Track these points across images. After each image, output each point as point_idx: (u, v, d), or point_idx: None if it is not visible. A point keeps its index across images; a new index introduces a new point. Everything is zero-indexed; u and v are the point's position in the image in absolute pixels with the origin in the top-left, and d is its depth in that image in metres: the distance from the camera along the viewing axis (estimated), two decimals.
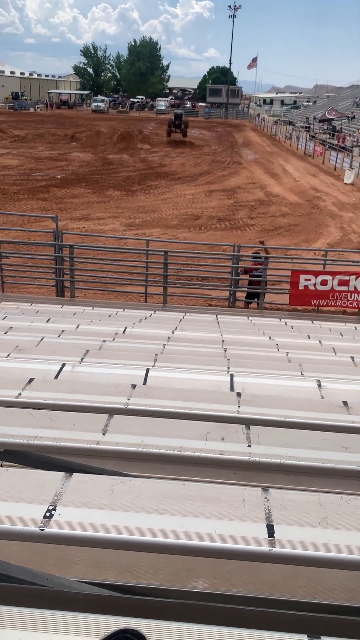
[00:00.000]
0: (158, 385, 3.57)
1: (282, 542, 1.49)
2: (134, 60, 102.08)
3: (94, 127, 50.42)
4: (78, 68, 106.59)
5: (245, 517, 1.58)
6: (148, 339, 6.06)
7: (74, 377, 3.74)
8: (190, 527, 1.53)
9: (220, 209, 24.45)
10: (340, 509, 1.65)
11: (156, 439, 2.36)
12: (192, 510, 1.61)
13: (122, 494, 1.68)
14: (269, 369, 4.29)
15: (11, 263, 13.03)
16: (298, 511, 1.62)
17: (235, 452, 2.23)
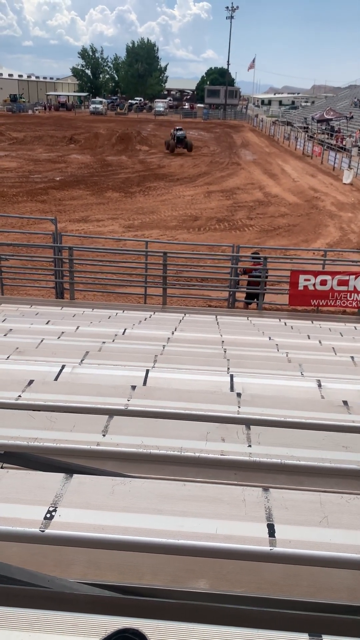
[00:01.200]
0: (158, 386, 3.57)
1: (282, 542, 1.49)
2: (132, 61, 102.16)
3: (92, 129, 50.45)
4: (76, 70, 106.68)
5: (246, 517, 1.58)
6: (148, 340, 6.06)
7: (74, 378, 3.74)
8: (190, 528, 1.52)
9: (219, 209, 24.46)
10: (341, 508, 1.65)
11: (156, 439, 2.36)
12: (193, 510, 1.61)
13: (122, 494, 1.67)
14: (269, 369, 4.29)
15: (10, 265, 13.04)
16: (299, 511, 1.62)
17: (235, 452, 2.22)
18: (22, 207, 23.48)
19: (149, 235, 19.17)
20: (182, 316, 9.11)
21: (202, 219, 22.70)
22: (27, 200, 24.94)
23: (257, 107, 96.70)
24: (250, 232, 20.86)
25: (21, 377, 3.41)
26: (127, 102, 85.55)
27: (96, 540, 1.52)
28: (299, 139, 45.76)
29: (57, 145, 43.23)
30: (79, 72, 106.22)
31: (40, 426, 2.45)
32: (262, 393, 3.29)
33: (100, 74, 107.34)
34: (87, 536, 1.52)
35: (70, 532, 1.52)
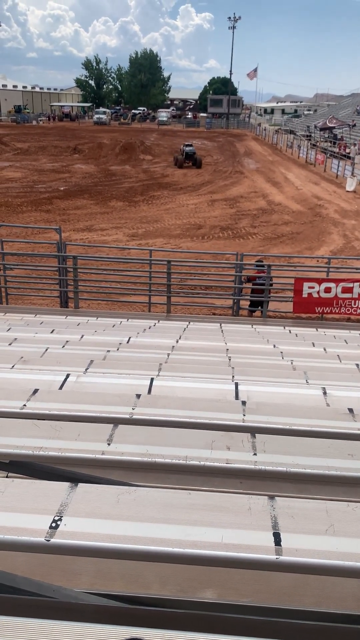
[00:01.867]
0: (163, 395, 3.57)
1: (289, 551, 1.48)
2: (135, 72, 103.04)
3: (96, 139, 50.79)
4: (80, 81, 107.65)
5: (252, 526, 1.57)
6: (152, 348, 6.06)
7: (79, 387, 3.74)
8: (196, 537, 1.52)
9: (222, 218, 24.51)
10: (347, 517, 1.64)
11: (161, 448, 2.36)
12: (198, 519, 1.60)
13: (127, 503, 1.67)
14: (274, 377, 4.28)
15: (15, 275, 13.09)
16: (304, 519, 1.61)
17: (240, 460, 2.22)
18: (27, 216, 23.61)
19: (153, 243, 19.22)
20: (187, 324, 9.12)
21: (206, 227, 22.76)
22: (31, 210, 25.08)
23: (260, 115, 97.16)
24: (253, 240, 20.89)
25: (26, 386, 3.42)
26: (130, 112, 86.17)
27: (102, 550, 1.51)
28: (302, 147, 45.91)
29: (61, 155, 43.52)
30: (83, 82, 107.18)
31: (45, 435, 2.45)
32: (267, 401, 3.28)
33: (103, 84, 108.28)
34: (92, 545, 1.52)
35: (75, 542, 1.52)
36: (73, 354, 5.36)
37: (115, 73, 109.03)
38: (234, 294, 12.19)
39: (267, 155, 46.85)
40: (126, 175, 35.81)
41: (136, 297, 12.92)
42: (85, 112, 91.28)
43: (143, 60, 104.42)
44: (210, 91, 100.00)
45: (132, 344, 6.49)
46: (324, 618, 1.61)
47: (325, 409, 3.30)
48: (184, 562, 1.50)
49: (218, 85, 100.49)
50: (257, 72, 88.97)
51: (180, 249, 18.01)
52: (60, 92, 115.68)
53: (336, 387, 3.83)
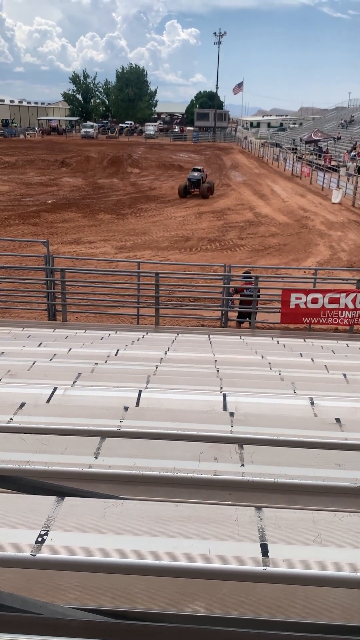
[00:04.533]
0: (151, 407, 3.56)
1: (276, 561, 1.48)
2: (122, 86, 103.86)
3: (83, 152, 50.98)
4: (67, 95, 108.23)
5: (239, 537, 1.57)
6: (140, 360, 6.05)
7: (66, 400, 3.72)
8: (183, 549, 1.51)
9: (210, 230, 24.66)
10: (334, 526, 1.65)
11: (149, 460, 2.35)
12: (186, 531, 1.60)
13: (114, 517, 1.66)
14: (262, 387, 4.29)
15: (2, 288, 13.03)
16: (292, 529, 1.62)
17: (228, 472, 2.22)
18: (14, 230, 23.57)
19: (141, 256, 19.26)
20: (175, 336, 9.12)
21: (194, 239, 22.87)
22: (19, 223, 25.04)
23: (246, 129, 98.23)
24: (241, 252, 21.02)
25: (13, 400, 3.39)
26: (117, 126, 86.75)
27: (89, 564, 1.50)
28: (288, 160, 46.45)
29: (49, 168, 43.60)
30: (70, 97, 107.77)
31: (32, 449, 2.43)
32: (255, 412, 3.28)
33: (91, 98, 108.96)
34: (79, 560, 1.50)
35: (62, 556, 1.50)
36: (61, 367, 5.33)
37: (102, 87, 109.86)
38: (222, 305, 12.23)
39: (254, 168, 47.33)
40: (114, 188, 35.94)
41: (124, 310, 12.92)
42: (72, 126, 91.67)
43: (130, 75, 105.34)
44: (197, 105, 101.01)
45: (120, 356, 6.47)
46: (311, 629, 1.61)
47: (312, 419, 3.31)
48: (172, 575, 1.49)
49: (204, 99, 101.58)
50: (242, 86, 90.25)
51: (168, 261, 18.06)
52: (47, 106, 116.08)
53: (323, 397, 3.85)
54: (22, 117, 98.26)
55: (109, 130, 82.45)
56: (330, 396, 4.00)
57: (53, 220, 25.78)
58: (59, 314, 12.08)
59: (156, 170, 44.14)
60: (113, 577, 1.89)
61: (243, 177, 41.97)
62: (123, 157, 45.87)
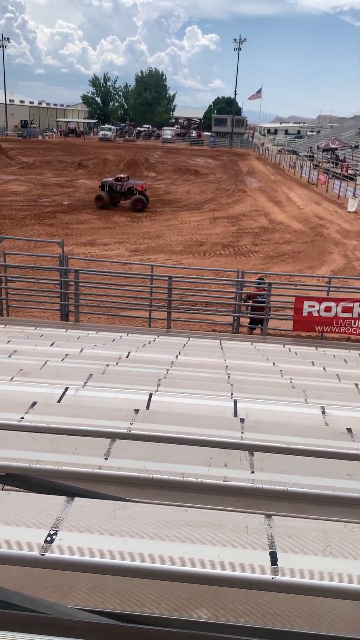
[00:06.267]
0: (161, 410, 3.56)
1: (285, 571, 1.47)
2: (141, 90, 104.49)
3: (100, 154, 51.29)
4: (86, 97, 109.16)
5: (248, 545, 1.56)
6: (151, 363, 6.06)
7: (77, 401, 3.73)
8: (192, 554, 1.51)
9: (224, 235, 24.66)
10: (344, 537, 1.63)
11: (159, 464, 2.35)
12: (195, 536, 1.59)
13: (124, 519, 1.66)
14: (273, 395, 4.27)
15: (17, 287, 13.12)
16: (301, 539, 1.60)
17: (238, 478, 2.21)
18: (30, 230, 23.75)
19: (154, 259, 19.31)
20: (186, 340, 9.12)
21: (208, 244, 22.87)
22: (35, 223, 25.23)
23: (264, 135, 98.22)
24: (255, 258, 20.98)
25: (24, 398, 3.41)
26: (135, 130, 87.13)
27: (97, 565, 1.50)
28: (305, 168, 46.33)
29: (66, 170, 43.91)
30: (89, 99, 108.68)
31: (43, 448, 2.44)
32: (265, 419, 3.27)
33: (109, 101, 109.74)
34: (88, 561, 1.50)
35: (70, 556, 1.50)
36: (72, 368, 5.36)
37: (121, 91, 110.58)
38: (234, 311, 12.21)
39: (270, 175, 47.27)
40: None
41: (136, 312, 12.94)
42: (90, 129, 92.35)
43: (149, 79, 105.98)
44: (215, 110, 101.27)
45: (131, 358, 6.48)
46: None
47: (323, 428, 3.29)
48: (180, 580, 1.49)
49: (222, 105, 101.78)
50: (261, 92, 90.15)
51: (181, 265, 18.08)
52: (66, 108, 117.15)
53: (335, 406, 3.82)
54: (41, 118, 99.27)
55: (126, 133, 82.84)
56: (341, 406, 3.97)
57: (68, 222, 25.94)
58: (72, 314, 12.14)
59: (172, 174, 44.26)
60: (120, 579, 1.89)
61: (259, 183, 41.94)
62: (140, 160, 46.05)
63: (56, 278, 12.55)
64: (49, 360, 5.54)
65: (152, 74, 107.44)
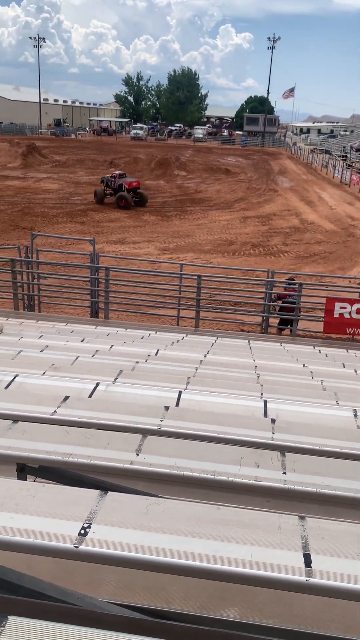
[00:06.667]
0: (190, 408, 3.56)
1: (319, 573, 1.45)
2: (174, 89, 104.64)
3: (132, 153, 51.57)
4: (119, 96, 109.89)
5: (281, 545, 1.55)
6: (180, 361, 6.06)
7: (108, 396, 3.76)
8: (225, 552, 1.50)
9: (254, 235, 24.51)
10: None
11: (189, 461, 2.35)
12: (227, 535, 1.59)
13: (156, 515, 1.67)
14: (303, 396, 4.23)
15: (48, 284, 13.31)
16: (336, 541, 1.58)
17: (270, 478, 2.19)
18: (62, 227, 24.05)
19: (183, 258, 19.33)
20: (215, 339, 9.09)
21: (237, 243, 22.78)
22: (66, 221, 25.55)
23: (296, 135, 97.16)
24: (285, 258, 20.80)
25: (56, 392, 3.46)
26: (167, 129, 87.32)
27: (129, 560, 1.51)
28: (337, 167, 45.64)
29: (98, 168, 44.28)
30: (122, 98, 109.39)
31: (75, 442, 2.47)
32: (296, 420, 3.24)
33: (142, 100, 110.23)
34: (120, 555, 1.51)
35: (104, 550, 1.52)
36: (102, 364, 5.40)
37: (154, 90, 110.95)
38: (263, 311, 12.12)
39: (302, 174, 46.75)
40: (160, 190, 36.18)
41: (165, 310, 12.98)
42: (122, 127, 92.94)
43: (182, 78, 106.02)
44: (247, 110, 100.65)
45: (160, 356, 6.50)
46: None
47: (356, 430, 3.24)
48: (212, 578, 1.48)
49: (255, 104, 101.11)
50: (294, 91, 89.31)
51: (210, 264, 18.05)
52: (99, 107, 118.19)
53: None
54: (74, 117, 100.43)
55: (158, 132, 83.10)
56: None
57: (99, 220, 26.17)
58: (101, 311, 12.25)
59: (203, 173, 44.19)
60: (149, 575, 1.89)
61: (290, 182, 41.54)
62: (171, 159, 46.11)
63: (87, 275, 12.68)
64: (80, 355, 5.59)
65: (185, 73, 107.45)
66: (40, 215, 26.16)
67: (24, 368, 4.46)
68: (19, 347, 5.89)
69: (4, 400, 3.15)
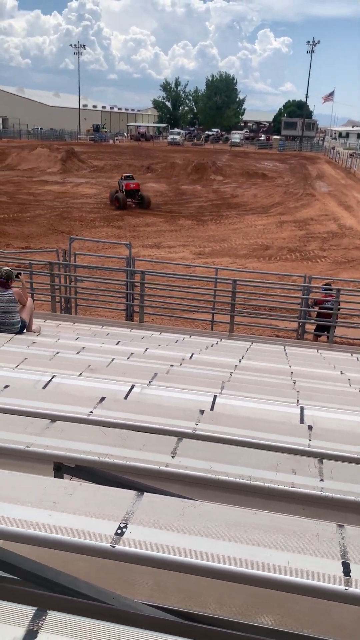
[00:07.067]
0: (225, 413, 3.54)
1: (358, 582, 1.42)
2: (211, 94, 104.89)
3: (169, 158, 51.86)
4: (157, 102, 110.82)
5: (319, 553, 1.52)
6: (214, 366, 6.04)
7: (143, 398, 3.79)
8: (261, 558, 1.49)
9: (291, 239, 24.26)
10: None
11: (225, 466, 2.33)
12: (264, 540, 1.57)
13: (192, 517, 1.66)
14: (341, 403, 4.15)
15: (85, 287, 13.50)
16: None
17: (307, 485, 2.16)
18: (99, 231, 24.37)
19: (219, 262, 19.28)
20: (249, 344, 9.03)
21: (274, 248, 22.59)
22: (103, 225, 25.86)
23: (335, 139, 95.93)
24: (322, 264, 20.51)
25: (93, 394, 3.50)
26: (204, 133, 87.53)
27: (165, 561, 1.51)
28: None
29: (135, 173, 44.53)
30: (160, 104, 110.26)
31: (111, 443, 2.49)
32: (334, 427, 3.18)
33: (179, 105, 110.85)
34: (156, 556, 1.51)
35: (140, 550, 1.52)
36: (137, 366, 5.44)
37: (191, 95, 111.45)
38: (299, 316, 11.97)
39: (340, 179, 46.07)
40: (196, 194, 36.26)
41: (199, 315, 12.97)
42: (160, 133, 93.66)
43: (219, 83, 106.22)
44: (285, 114, 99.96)
45: (194, 360, 6.50)
46: None
47: None
48: (248, 583, 1.47)
49: (293, 109, 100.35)
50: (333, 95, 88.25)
51: (246, 269, 17.94)
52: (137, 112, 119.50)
53: None
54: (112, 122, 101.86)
55: (195, 137, 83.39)
56: None
57: (136, 224, 26.40)
58: (136, 314, 12.33)
59: (239, 177, 44.06)
60: (183, 578, 1.89)
61: (328, 187, 40.98)
62: (207, 164, 46.16)
63: (122, 279, 12.80)
64: (115, 358, 5.65)
65: (223, 78, 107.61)
66: (78, 220, 26.57)
67: (61, 369, 4.54)
68: (56, 349, 5.99)
69: (42, 400, 3.21)
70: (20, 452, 2.38)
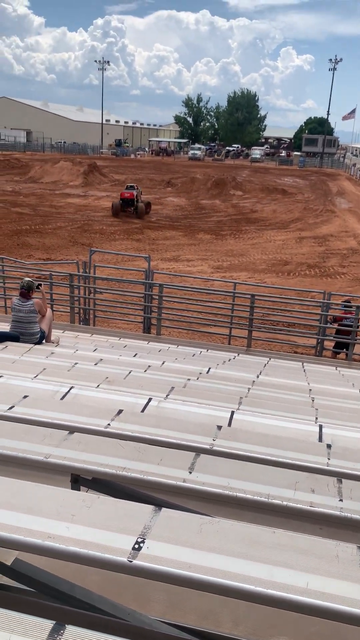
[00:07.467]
0: (243, 429, 3.52)
1: None
2: (233, 110, 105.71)
3: (189, 173, 52.23)
4: (179, 117, 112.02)
5: (339, 575, 1.49)
6: (232, 381, 6.02)
7: (160, 412, 3.78)
8: (280, 578, 1.47)
9: (310, 255, 24.18)
10: None
11: (242, 482, 2.31)
12: (282, 560, 1.55)
13: (210, 534, 1.65)
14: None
15: (104, 299, 13.59)
16: None
17: (325, 505, 2.13)
18: (119, 244, 24.56)
19: (237, 277, 19.28)
20: (267, 360, 8.98)
21: (292, 264, 22.52)
22: (123, 238, 26.08)
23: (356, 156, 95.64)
24: (342, 280, 20.38)
25: (110, 406, 3.50)
26: (224, 149, 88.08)
27: (182, 578, 1.49)
28: None
29: (155, 188, 45.08)
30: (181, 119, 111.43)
31: (128, 456, 2.49)
32: (353, 447, 3.14)
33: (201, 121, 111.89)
34: (173, 572, 1.50)
35: (157, 566, 1.51)
36: (154, 379, 5.43)
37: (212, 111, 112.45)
38: (318, 333, 11.88)
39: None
40: (216, 209, 36.40)
41: (217, 329, 12.95)
42: (181, 148, 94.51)
43: (241, 100, 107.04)
44: (306, 131, 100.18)
45: (211, 374, 6.48)
46: None
47: None
48: (265, 603, 1.45)
49: (314, 125, 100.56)
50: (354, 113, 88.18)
51: (264, 284, 17.91)
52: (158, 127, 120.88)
53: None
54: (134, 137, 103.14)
55: (215, 152, 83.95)
56: None
57: (155, 238, 26.57)
58: (154, 327, 12.36)
59: (259, 193, 44.15)
60: (200, 596, 1.87)
61: (349, 204, 40.84)
62: (227, 179, 46.38)
63: (141, 291, 12.85)
64: (133, 370, 5.66)
65: (244, 95, 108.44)
66: (99, 232, 26.83)
67: (79, 380, 4.56)
68: (74, 360, 6.03)
69: (60, 411, 3.23)
70: (39, 463, 2.39)
